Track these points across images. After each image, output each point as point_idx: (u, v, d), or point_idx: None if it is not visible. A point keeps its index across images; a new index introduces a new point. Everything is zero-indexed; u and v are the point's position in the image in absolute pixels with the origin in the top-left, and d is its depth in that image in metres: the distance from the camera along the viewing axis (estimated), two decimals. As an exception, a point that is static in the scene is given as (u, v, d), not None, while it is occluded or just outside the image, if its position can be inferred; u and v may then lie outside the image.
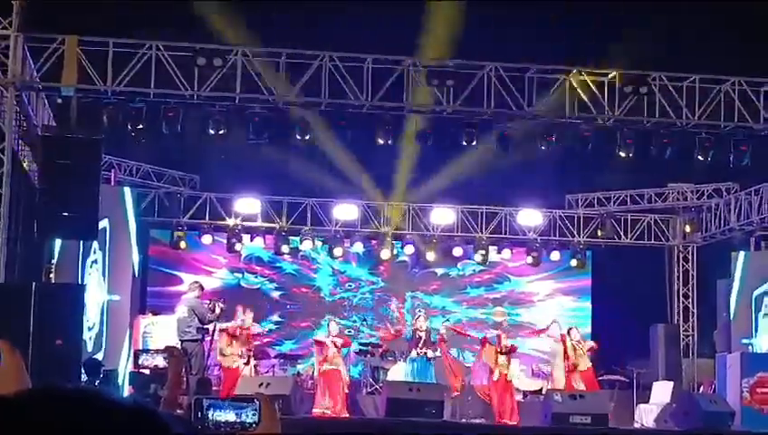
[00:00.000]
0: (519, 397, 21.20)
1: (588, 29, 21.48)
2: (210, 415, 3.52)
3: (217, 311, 18.41)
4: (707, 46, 20.89)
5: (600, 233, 26.48)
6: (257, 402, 3.53)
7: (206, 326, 18.38)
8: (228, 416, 3.49)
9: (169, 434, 1.71)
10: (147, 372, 16.44)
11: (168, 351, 9.78)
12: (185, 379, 17.36)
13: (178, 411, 5.84)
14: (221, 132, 18.80)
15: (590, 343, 21.22)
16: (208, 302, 18.80)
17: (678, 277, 27.16)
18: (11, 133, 17.45)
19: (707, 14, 20.88)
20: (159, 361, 16.18)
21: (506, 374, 20.01)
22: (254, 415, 3.47)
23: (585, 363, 20.61)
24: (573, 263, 26.88)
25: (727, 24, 21.09)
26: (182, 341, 18.26)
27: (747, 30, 21.22)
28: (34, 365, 13.86)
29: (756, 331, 23.19)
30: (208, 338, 18.55)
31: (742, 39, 21.22)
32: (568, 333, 21.00)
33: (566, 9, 21.41)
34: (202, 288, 19.39)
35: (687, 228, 26.39)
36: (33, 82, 18.36)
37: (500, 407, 19.71)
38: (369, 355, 22.76)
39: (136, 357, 17.84)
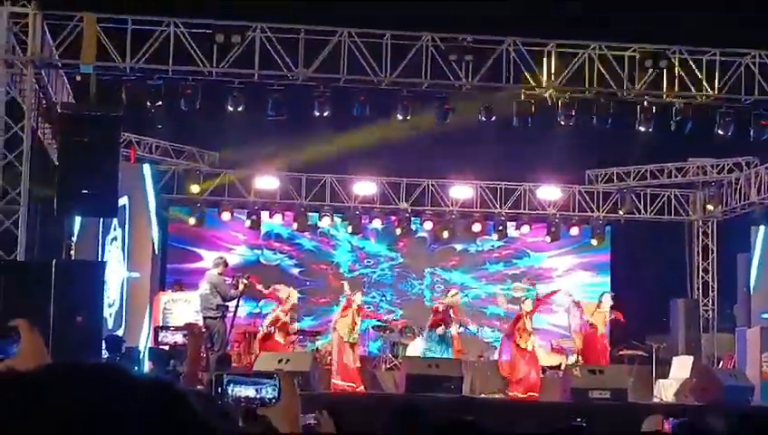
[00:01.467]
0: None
1: (607, 4, 21.38)
2: (230, 390, 3.54)
3: (240, 287, 18.41)
4: (727, 19, 20.77)
5: (621, 211, 26.40)
6: (277, 378, 3.55)
7: (227, 303, 18.40)
8: (248, 391, 3.52)
9: (191, 408, 1.72)
10: (166, 348, 16.54)
11: (188, 328, 9.83)
12: (204, 355, 17.47)
13: (198, 387, 5.86)
14: (239, 109, 18.81)
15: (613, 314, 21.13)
16: (232, 278, 18.80)
17: (698, 252, 27.09)
18: (30, 111, 17.50)
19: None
20: (179, 338, 16.28)
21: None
22: (273, 391, 3.50)
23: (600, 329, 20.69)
24: (594, 242, 26.83)
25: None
26: (204, 317, 18.32)
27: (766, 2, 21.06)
28: (55, 342, 13.94)
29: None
30: (230, 314, 18.57)
31: (762, 12, 21.07)
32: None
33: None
34: (226, 264, 19.31)
35: (710, 207, 26.26)
36: (53, 59, 18.39)
37: (528, 380, 19.81)
38: (387, 331, 22.81)
39: (156, 334, 17.93)
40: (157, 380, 1.73)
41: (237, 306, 18.57)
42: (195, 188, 24.81)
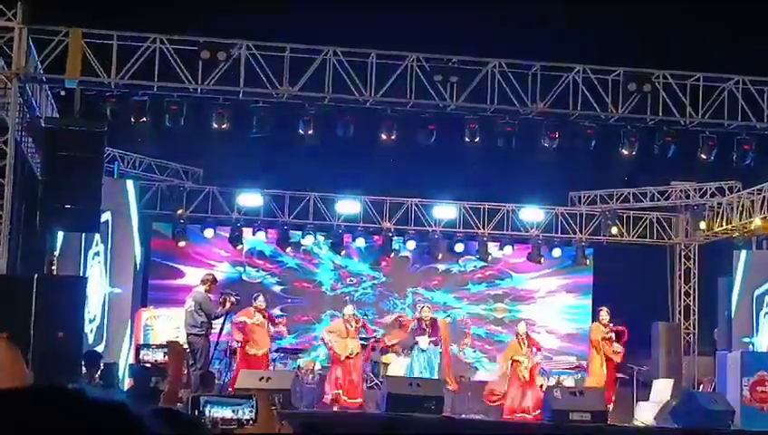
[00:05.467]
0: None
1: (592, 27, 21.47)
2: (207, 411, 3.55)
3: (227, 305, 18.30)
4: (712, 45, 20.89)
5: (611, 228, 26.42)
6: (254, 399, 3.56)
7: (212, 322, 18.31)
8: (225, 413, 3.53)
9: (143, 433, 1.71)
10: (148, 366, 16.46)
11: (170, 346, 9.79)
12: (186, 373, 17.39)
13: (179, 406, 5.85)
14: (224, 126, 18.81)
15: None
16: (219, 296, 18.70)
17: (680, 275, 27.18)
18: (14, 125, 17.46)
19: (712, 12, 20.87)
20: (160, 356, 16.22)
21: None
22: (250, 412, 3.51)
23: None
24: (587, 262, 26.92)
25: (732, 22, 21.07)
26: (188, 334, 18.26)
27: (751, 29, 21.19)
28: (36, 357, 13.90)
29: (757, 330, 23.22)
30: (215, 332, 18.49)
31: (746, 38, 21.20)
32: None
33: (570, 7, 21.39)
34: (214, 281, 19.20)
35: (702, 225, 26.24)
36: (37, 74, 18.37)
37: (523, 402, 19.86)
38: (371, 350, 22.78)
39: (137, 352, 17.86)
40: (114, 405, 1.72)
41: (224, 324, 18.45)
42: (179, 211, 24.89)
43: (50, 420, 1.64)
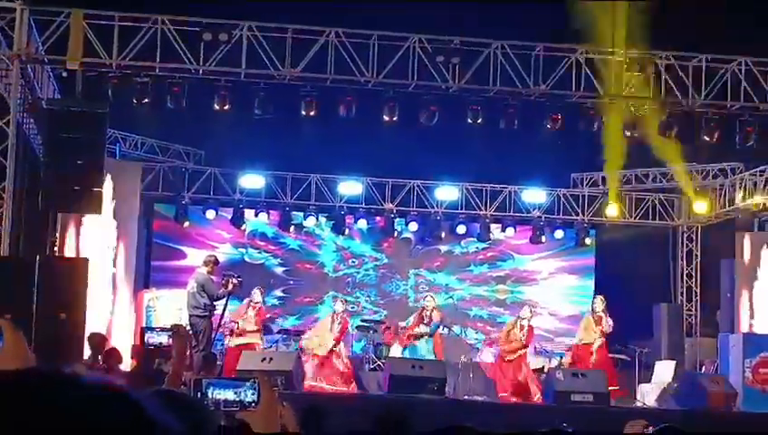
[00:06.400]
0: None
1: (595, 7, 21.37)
2: (210, 393, 3.54)
3: (230, 287, 18.27)
4: (715, 26, 20.81)
5: (616, 211, 26.39)
6: (256, 381, 3.55)
7: (214, 303, 18.30)
8: (228, 394, 3.52)
9: (141, 416, 1.68)
10: (152, 348, 16.45)
11: (174, 329, 9.77)
12: (189, 355, 17.38)
13: (182, 388, 5.85)
14: (226, 108, 18.79)
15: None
16: (222, 277, 18.68)
17: (682, 257, 27.18)
18: (16, 106, 17.46)
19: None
20: (164, 339, 16.20)
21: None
22: (252, 394, 3.50)
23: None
24: (589, 244, 26.93)
25: (735, 3, 21.00)
26: (190, 315, 18.26)
27: (755, 10, 21.12)
28: (39, 339, 13.91)
29: (759, 312, 23.23)
30: (217, 313, 18.48)
31: (749, 19, 21.13)
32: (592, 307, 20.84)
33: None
34: (216, 262, 19.14)
35: (703, 208, 26.19)
36: (39, 55, 18.35)
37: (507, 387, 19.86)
38: (371, 331, 22.81)
39: (141, 335, 17.85)
40: (112, 388, 1.70)
41: (226, 306, 18.43)
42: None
43: (44, 403, 1.63)
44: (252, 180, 25.52)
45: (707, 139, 19.74)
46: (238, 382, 3.60)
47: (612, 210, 25.74)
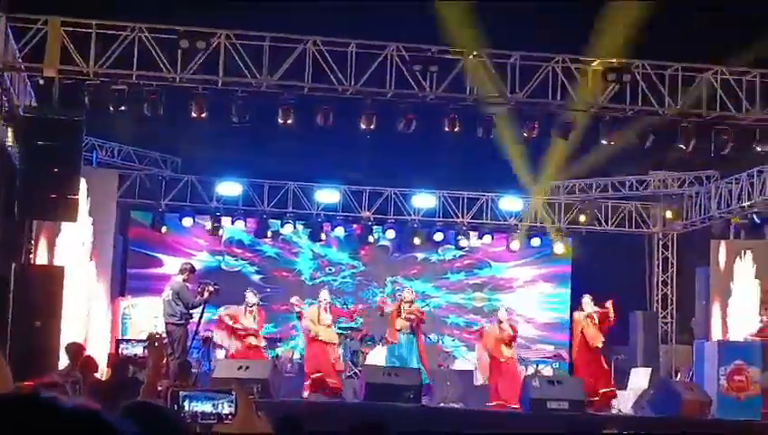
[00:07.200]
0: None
1: (573, 16, 21.49)
2: (187, 406, 3.56)
3: (206, 295, 18.23)
4: (690, 35, 20.95)
5: (582, 218, 26.56)
6: (234, 394, 3.58)
7: (190, 311, 18.27)
8: (205, 407, 3.54)
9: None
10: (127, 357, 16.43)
11: (150, 339, 9.76)
12: (165, 364, 17.33)
13: (158, 400, 5.85)
14: (203, 115, 18.77)
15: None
16: (198, 285, 18.65)
17: (658, 265, 27.30)
18: (-8, 114, 17.39)
19: (691, 2, 20.93)
20: (140, 350, 16.19)
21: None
22: (230, 406, 3.52)
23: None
24: (558, 249, 27.01)
25: (710, 12, 21.12)
26: (166, 323, 18.23)
27: (730, 19, 21.26)
28: (14, 348, 13.87)
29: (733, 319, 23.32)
30: (194, 321, 18.45)
31: (724, 28, 21.26)
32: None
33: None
34: (192, 270, 19.12)
35: (669, 214, 26.51)
36: (16, 62, 18.27)
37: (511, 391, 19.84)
38: (348, 339, 22.81)
39: (117, 346, 17.84)
40: (86, 413, 1.71)
41: (202, 314, 18.40)
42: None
43: (21, 429, 1.64)
44: (229, 188, 25.50)
45: (683, 147, 19.83)
46: (215, 395, 3.62)
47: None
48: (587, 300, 20.81)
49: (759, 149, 19.85)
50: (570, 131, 19.66)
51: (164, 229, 25.64)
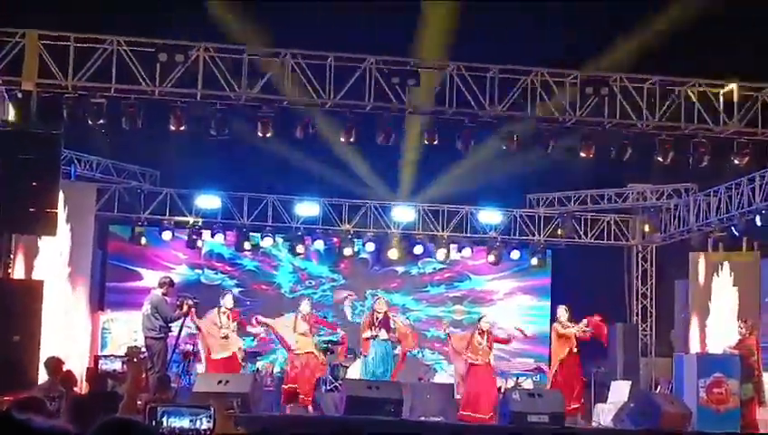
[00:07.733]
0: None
1: (550, 31, 21.57)
2: (165, 422, 3.54)
3: (185, 309, 18.15)
4: (668, 49, 21.02)
5: (560, 232, 26.64)
6: (212, 409, 3.56)
7: (169, 325, 18.20)
8: (183, 422, 3.52)
9: None
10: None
11: (129, 355, 9.76)
12: (144, 378, 17.27)
13: (137, 416, 5.82)
14: (182, 128, 18.73)
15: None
16: (177, 298, 18.57)
17: (637, 277, 27.35)
18: (-30, 128, 17.32)
19: (668, 16, 21.02)
20: (118, 365, 16.13)
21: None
22: (208, 422, 3.50)
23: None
24: (534, 262, 27.05)
25: (688, 26, 21.21)
26: (145, 337, 18.16)
27: (707, 33, 21.34)
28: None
29: (712, 332, 23.38)
30: (173, 335, 18.38)
31: (702, 42, 21.35)
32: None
33: (530, 10, 21.48)
34: (171, 284, 19.01)
35: (646, 228, 26.60)
36: (-7, 76, 18.22)
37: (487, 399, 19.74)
38: (329, 353, 22.74)
39: (96, 362, 17.75)
40: (61, 430, 1.70)
41: (182, 327, 18.32)
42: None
43: None
44: (208, 201, 25.43)
45: (661, 159, 19.89)
46: (194, 410, 3.60)
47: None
48: (561, 311, 20.80)
49: (737, 161, 19.93)
50: (549, 144, 19.68)
51: (143, 242, 25.56)
